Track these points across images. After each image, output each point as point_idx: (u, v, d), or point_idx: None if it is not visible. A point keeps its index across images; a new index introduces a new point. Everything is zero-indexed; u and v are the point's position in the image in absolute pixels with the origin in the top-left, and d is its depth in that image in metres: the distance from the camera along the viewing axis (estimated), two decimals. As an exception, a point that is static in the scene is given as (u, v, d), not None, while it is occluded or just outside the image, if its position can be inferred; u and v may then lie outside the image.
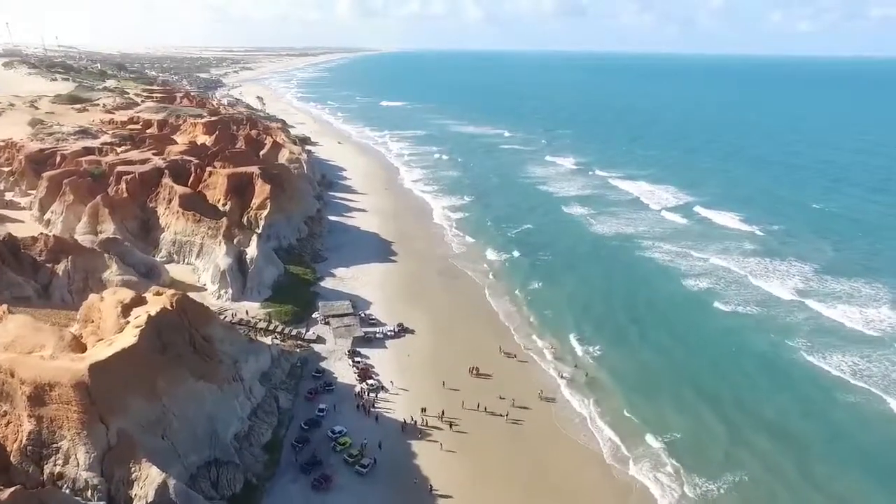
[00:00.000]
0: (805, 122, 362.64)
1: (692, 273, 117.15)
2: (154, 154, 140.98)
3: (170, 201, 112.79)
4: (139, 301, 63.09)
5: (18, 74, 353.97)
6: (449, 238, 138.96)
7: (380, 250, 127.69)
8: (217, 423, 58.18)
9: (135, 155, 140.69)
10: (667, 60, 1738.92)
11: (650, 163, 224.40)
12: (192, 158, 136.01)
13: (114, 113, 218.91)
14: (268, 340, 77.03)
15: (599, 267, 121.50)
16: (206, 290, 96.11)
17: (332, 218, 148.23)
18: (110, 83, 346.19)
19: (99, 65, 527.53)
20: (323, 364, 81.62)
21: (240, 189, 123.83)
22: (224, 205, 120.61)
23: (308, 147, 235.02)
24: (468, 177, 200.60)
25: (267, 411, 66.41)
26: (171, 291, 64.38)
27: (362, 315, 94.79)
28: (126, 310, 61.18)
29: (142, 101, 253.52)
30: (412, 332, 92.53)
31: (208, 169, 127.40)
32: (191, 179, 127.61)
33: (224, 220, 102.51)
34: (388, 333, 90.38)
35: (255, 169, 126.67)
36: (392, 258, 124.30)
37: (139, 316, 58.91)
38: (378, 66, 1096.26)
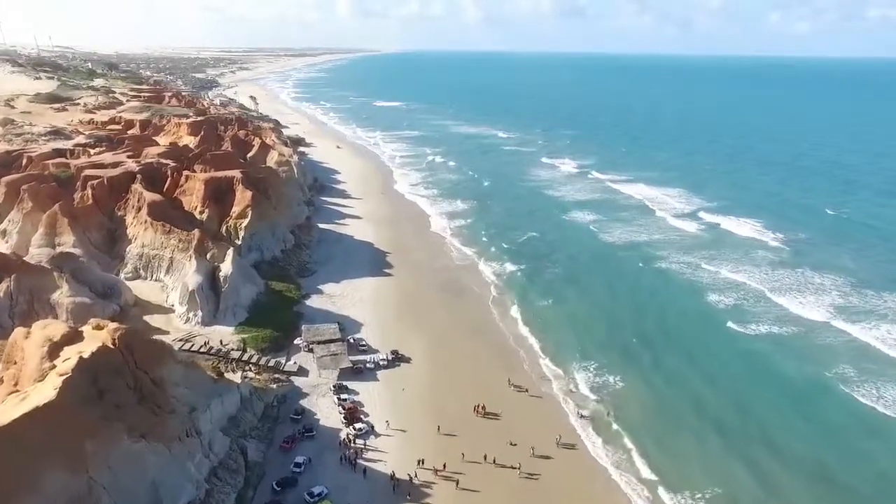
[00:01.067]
0: (806, 122, 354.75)
1: (711, 288, 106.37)
2: (129, 157, 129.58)
3: (139, 209, 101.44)
4: (73, 337, 51.74)
5: (1, 73, 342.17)
6: (448, 248, 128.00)
7: (374, 262, 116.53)
8: (163, 493, 46.91)
9: (107, 157, 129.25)
10: (666, 61, 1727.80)
11: (653, 165, 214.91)
12: (168, 161, 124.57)
13: (95, 112, 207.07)
14: (237, 378, 65.47)
15: (611, 281, 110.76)
16: (174, 311, 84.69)
17: (322, 226, 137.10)
18: (98, 82, 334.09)
19: (90, 64, 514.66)
20: (304, 402, 70.29)
21: (219, 195, 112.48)
22: (202, 213, 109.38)
23: (301, 148, 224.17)
24: (467, 180, 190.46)
25: (231, 469, 55.05)
26: (114, 326, 52.95)
27: (351, 340, 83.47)
28: (55, 349, 49.85)
29: (127, 101, 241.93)
30: (408, 360, 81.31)
31: (185, 173, 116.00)
32: (167, 185, 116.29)
33: (196, 231, 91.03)
34: (381, 363, 79.10)
35: (236, 173, 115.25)
36: (387, 271, 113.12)
37: (68, 359, 47.56)
38: (378, 67, 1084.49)
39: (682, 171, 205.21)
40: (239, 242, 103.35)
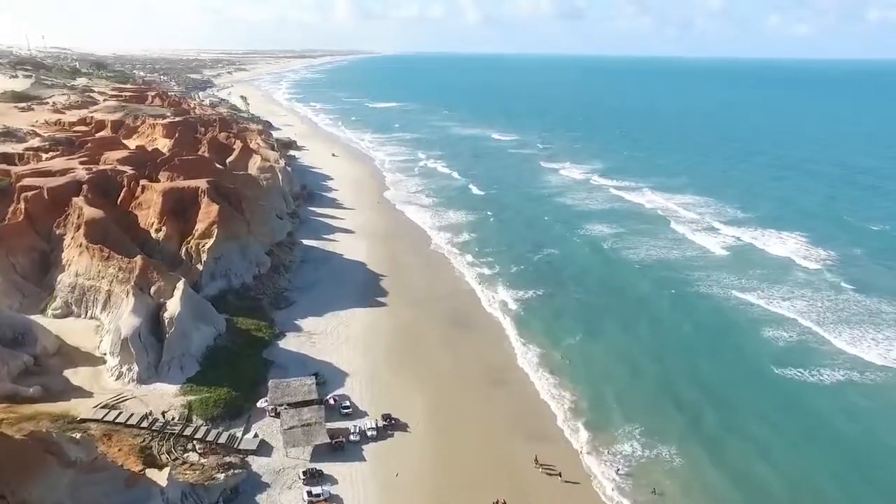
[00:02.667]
0: (812, 123, 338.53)
1: (753, 322, 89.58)
2: (82, 163, 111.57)
3: (78, 228, 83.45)
4: None
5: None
6: (451, 269, 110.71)
7: (366, 289, 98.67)
8: None
9: (57, 164, 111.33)
10: (666, 63, 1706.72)
11: (658, 170, 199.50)
12: (126, 168, 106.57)
13: (63, 113, 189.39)
14: (163, 478, 47.06)
15: (637, 313, 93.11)
16: (105, 362, 66.54)
17: (308, 242, 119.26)
18: (80, 81, 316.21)
19: (77, 63, 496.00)
20: (261, 498, 52.21)
21: (181, 210, 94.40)
22: (158, 231, 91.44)
23: (292, 152, 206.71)
24: (469, 188, 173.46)
25: None
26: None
27: (331, 401, 65.54)
28: None
29: (104, 100, 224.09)
30: (404, 427, 63.42)
31: (142, 182, 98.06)
32: (121, 196, 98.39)
33: (138, 258, 72.89)
34: (369, 433, 61.06)
35: (201, 183, 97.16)
36: (380, 300, 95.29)
37: None
38: (378, 69, 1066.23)
39: (692, 176, 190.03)
40: (200, 268, 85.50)
